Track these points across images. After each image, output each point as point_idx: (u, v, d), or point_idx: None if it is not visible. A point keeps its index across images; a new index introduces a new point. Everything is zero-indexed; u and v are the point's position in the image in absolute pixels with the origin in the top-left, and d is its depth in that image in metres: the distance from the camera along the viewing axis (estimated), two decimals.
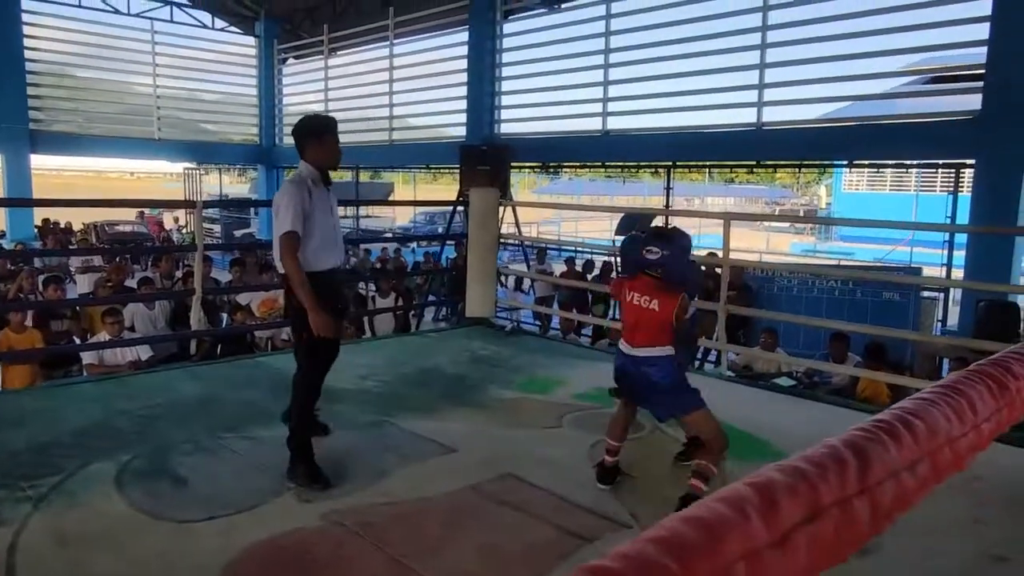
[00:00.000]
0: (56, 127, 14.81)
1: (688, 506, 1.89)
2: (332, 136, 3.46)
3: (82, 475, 3.33)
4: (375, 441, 3.89)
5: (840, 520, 0.63)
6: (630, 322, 3.21)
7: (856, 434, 0.71)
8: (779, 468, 0.64)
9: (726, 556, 0.56)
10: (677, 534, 0.55)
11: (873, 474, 0.66)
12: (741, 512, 0.59)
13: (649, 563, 0.52)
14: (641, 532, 0.58)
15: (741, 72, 9.48)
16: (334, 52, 16.39)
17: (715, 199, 37.67)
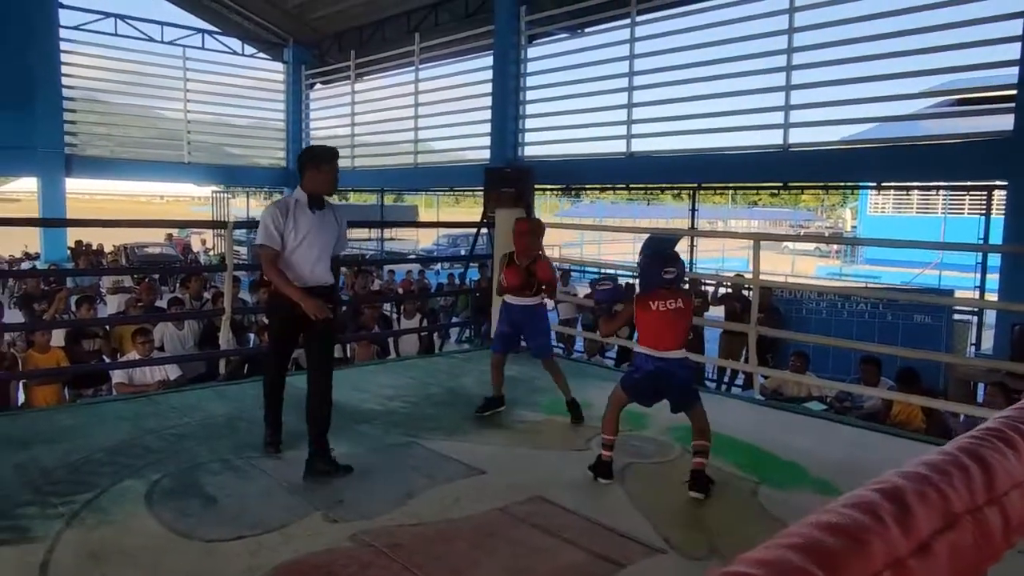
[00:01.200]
0: (90, 151, 15.15)
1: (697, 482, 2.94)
2: (331, 167, 3.74)
3: (113, 492, 3.34)
4: (402, 461, 3.87)
5: (975, 530, 0.59)
6: (660, 330, 3.57)
7: (972, 442, 0.67)
8: (901, 474, 0.60)
9: (873, 564, 0.53)
10: (815, 540, 0.52)
11: (999, 483, 0.62)
12: (878, 518, 0.55)
13: (792, 570, 0.48)
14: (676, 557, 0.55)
15: (767, 94, 9.46)
16: (360, 77, 16.64)
17: (738, 221, 37.46)
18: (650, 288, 3.60)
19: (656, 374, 3.59)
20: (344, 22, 16.21)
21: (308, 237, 3.67)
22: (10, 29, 13.03)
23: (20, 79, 13.21)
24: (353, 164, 16.65)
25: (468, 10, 13.31)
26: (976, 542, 0.60)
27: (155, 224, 13.45)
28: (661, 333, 3.55)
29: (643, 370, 3.63)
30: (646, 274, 3.65)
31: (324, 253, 3.77)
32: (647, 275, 3.64)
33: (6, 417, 4.73)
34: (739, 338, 8.22)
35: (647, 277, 3.64)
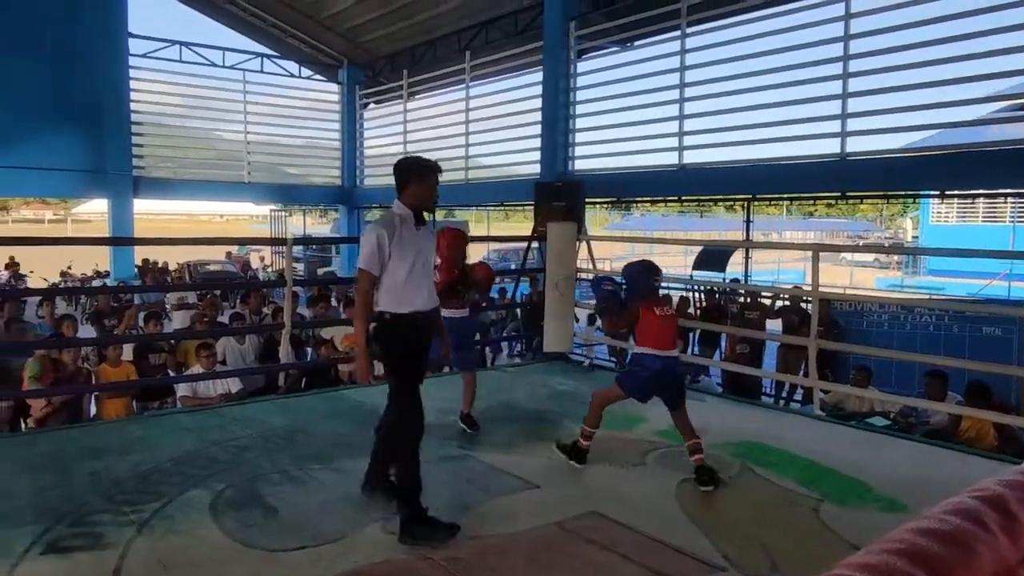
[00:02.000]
0: (155, 173, 15.77)
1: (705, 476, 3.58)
2: (435, 178, 3.38)
3: (180, 502, 3.46)
4: (458, 475, 3.89)
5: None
6: (662, 332, 4.00)
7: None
8: (1002, 482, 0.58)
9: (982, 571, 0.51)
10: (920, 546, 0.51)
11: None
12: (983, 526, 0.54)
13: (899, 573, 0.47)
14: (735, 575, 0.55)
15: (823, 102, 9.27)
16: (412, 96, 16.93)
17: (793, 233, 36.58)
18: (648, 295, 4.03)
19: (663, 372, 3.95)
20: (396, 42, 16.55)
21: (418, 257, 3.28)
22: (83, 59, 13.70)
23: (92, 106, 13.87)
24: None
25: (518, 27, 13.43)
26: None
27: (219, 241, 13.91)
28: (664, 335, 3.97)
29: (651, 369, 3.95)
30: (639, 283, 4.06)
31: (430, 274, 3.45)
32: (641, 284, 4.06)
33: (80, 429, 4.95)
34: (797, 352, 8.03)
35: (640, 286, 4.06)
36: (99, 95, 13.97)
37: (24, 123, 13.19)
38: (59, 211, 52.06)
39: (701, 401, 5.69)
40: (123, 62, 14.46)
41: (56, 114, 13.53)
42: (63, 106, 13.58)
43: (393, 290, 3.24)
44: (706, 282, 10.52)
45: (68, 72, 13.58)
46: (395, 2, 14.77)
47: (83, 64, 13.71)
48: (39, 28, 13.20)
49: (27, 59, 13.08)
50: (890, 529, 0.63)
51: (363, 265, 3.21)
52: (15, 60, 12.94)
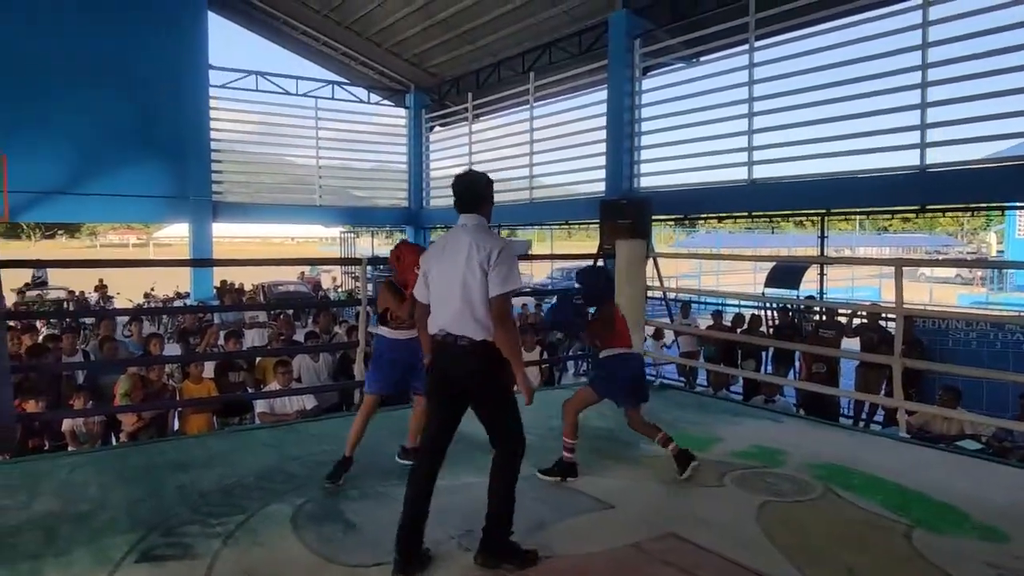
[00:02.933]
0: (232, 198, 16.45)
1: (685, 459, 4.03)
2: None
3: (262, 515, 3.55)
4: (529, 494, 3.86)
5: None
6: (626, 331, 4.19)
7: None
8: None
9: None
10: None
11: None
12: None
13: None
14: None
15: (900, 113, 8.96)
16: (477, 118, 17.19)
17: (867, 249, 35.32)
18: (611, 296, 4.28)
19: (639, 371, 4.19)
20: (461, 66, 16.87)
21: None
22: (167, 91, 14.47)
23: (175, 135, 14.62)
24: None
25: (581, 47, 13.50)
26: None
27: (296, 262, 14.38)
28: (627, 334, 4.20)
29: (631, 369, 4.11)
30: (604, 286, 4.32)
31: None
32: (605, 286, 4.33)
33: (168, 443, 5.15)
34: (877, 371, 7.72)
35: (605, 288, 4.31)
36: (181, 125, 14.71)
37: (112, 153, 13.99)
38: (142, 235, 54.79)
39: (778, 422, 5.52)
40: (204, 93, 15.19)
41: (141, 143, 14.30)
42: (148, 136, 14.35)
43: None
44: (779, 299, 10.25)
45: (153, 104, 14.36)
46: (459, 27, 15.07)
47: (167, 96, 14.48)
48: (126, 64, 14.02)
49: (115, 93, 13.89)
50: (992, 559, 0.60)
51: (516, 284, 2.97)
52: (104, 94, 13.76)
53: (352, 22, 16.49)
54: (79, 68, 13.49)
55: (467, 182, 3.19)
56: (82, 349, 7.40)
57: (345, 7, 15.97)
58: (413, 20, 15.47)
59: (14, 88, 12.94)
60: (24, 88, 13.03)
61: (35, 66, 13.13)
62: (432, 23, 15.26)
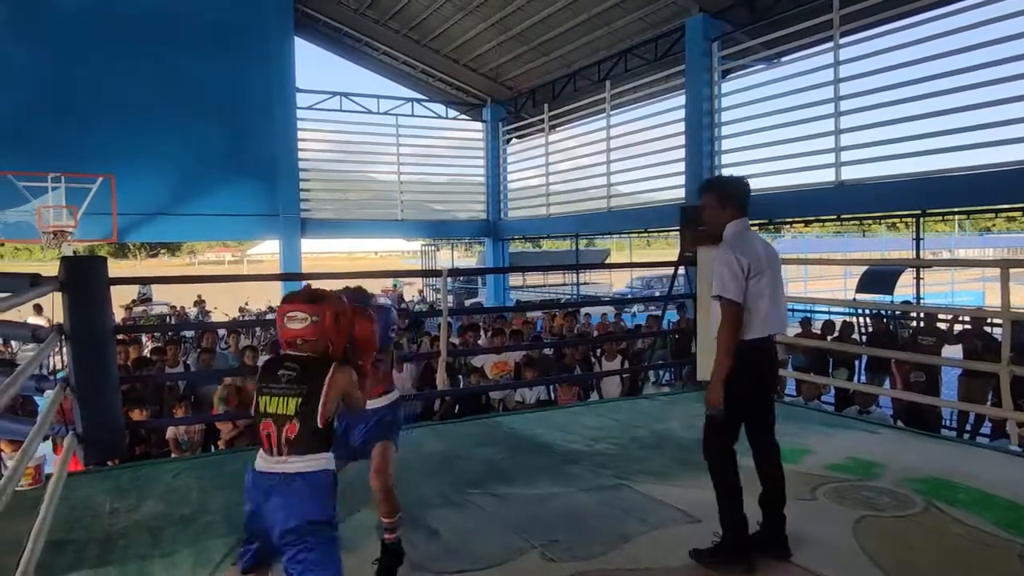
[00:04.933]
0: (319, 214, 17.07)
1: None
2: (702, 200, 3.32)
3: (350, 522, 3.64)
4: (614, 504, 3.83)
5: None
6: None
7: None
8: None
9: None
10: None
11: None
12: None
13: None
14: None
15: (1004, 105, 8.43)
16: (553, 129, 17.25)
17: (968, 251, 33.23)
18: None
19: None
20: (537, 78, 16.99)
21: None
22: (257, 114, 15.21)
23: (265, 155, 15.32)
24: (548, 211, 17.18)
25: (657, 53, 13.36)
26: None
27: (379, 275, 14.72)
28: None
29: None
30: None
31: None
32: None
33: None
34: (982, 380, 7.25)
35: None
36: (271, 146, 15.41)
37: (208, 175, 14.79)
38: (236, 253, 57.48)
39: (874, 433, 5.27)
40: (292, 115, 15.87)
41: (235, 165, 15.06)
42: (241, 158, 15.10)
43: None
44: (874, 304, 9.79)
45: (245, 127, 15.11)
46: (534, 39, 15.19)
47: (258, 120, 15.21)
48: (221, 91, 14.82)
49: (211, 118, 14.69)
50: None
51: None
52: (201, 120, 14.58)
53: (430, 40, 16.88)
54: (179, 96, 14.35)
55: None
56: (183, 361, 7.81)
57: (423, 26, 16.37)
58: (489, 35, 15.70)
59: (121, 116, 13.88)
60: (130, 116, 13.96)
61: (140, 95, 14.05)
62: (507, 37, 15.45)
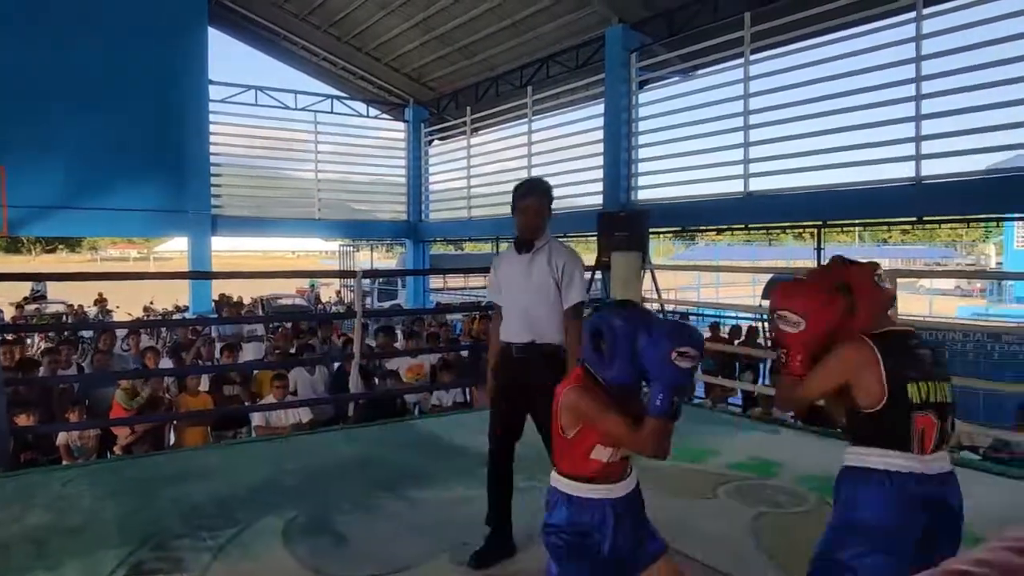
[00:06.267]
0: (232, 212, 16.48)
1: None
2: (521, 204, 3.24)
3: (255, 528, 3.54)
4: (528, 505, 3.85)
5: None
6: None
7: None
8: None
9: None
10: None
11: None
12: None
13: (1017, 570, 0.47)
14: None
15: (895, 125, 9.00)
16: (475, 132, 17.27)
17: None
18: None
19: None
20: (460, 80, 16.96)
21: (511, 285, 3.25)
22: (167, 106, 14.54)
23: (175, 149, 14.67)
24: (470, 214, 17.18)
25: (578, 61, 13.58)
26: None
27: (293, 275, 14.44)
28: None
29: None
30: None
31: (533, 305, 3.18)
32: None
33: (163, 456, 5.14)
34: None
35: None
36: (181, 139, 14.77)
37: (112, 167, 14.02)
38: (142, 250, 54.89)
39: (775, 433, 5.51)
40: (203, 107, 15.26)
41: (142, 158, 14.35)
42: (148, 150, 14.40)
43: (499, 320, 3.35)
44: None
45: (153, 118, 14.42)
46: (457, 41, 15.17)
47: (167, 110, 14.54)
48: (127, 78, 14.09)
49: (116, 107, 13.94)
50: None
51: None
52: (105, 108, 13.82)
53: (351, 37, 16.61)
54: (80, 83, 13.56)
55: None
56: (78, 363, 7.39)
57: (345, 22, 16.08)
58: (411, 35, 15.58)
59: (14, 102, 12.99)
60: (24, 102, 13.09)
61: (35, 81, 13.20)
62: (430, 38, 15.37)
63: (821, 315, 2.02)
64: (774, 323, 2.09)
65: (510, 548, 3.24)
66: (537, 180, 3.44)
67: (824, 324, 2.02)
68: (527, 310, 3.18)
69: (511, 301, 3.25)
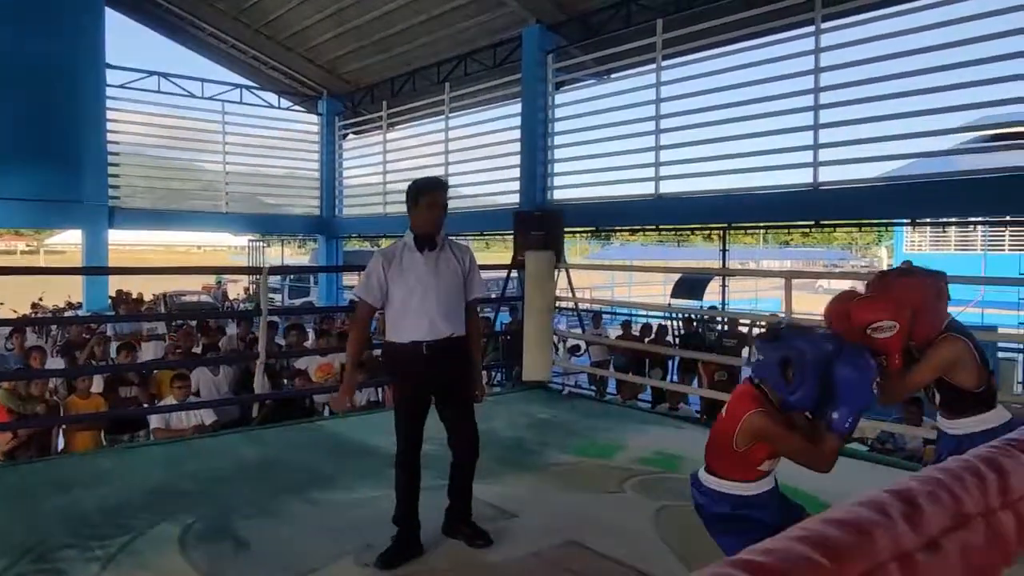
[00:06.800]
0: (132, 203, 15.65)
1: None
2: (428, 198, 3.25)
3: (149, 536, 3.37)
4: (434, 504, 3.83)
5: (987, 531, 0.59)
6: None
7: (990, 451, 0.67)
8: (916, 478, 0.61)
9: (877, 556, 0.54)
10: (823, 534, 0.53)
11: (1014, 488, 0.62)
12: (885, 515, 0.56)
13: (798, 557, 0.49)
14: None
15: (795, 133, 9.45)
16: (392, 127, 17.03)
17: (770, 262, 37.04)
18: None
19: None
20: (376, 74, 16.69)
21: (421, 283, 3.22)
22: (60, 90, 13.63)
23: (68, 136, 13.78)
24: (385, 211, 16.95)
25: (496, 60, 13.61)
26: (988, 542, 0.60)
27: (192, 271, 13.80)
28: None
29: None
30: None
31: (449, 299, 3.25)
32: None
33: (47, 462, 4.82)
34: None
35: None
36: (75, 125, 13.89)
37: None
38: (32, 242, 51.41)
39: (680, 428, 5.69)
40: (101, 92, 14.42)
41: (31, 144, 13.40)
42: (38, 136, 13.46)
43: (392, 319, 3.27)
44: (684, 310, 10.59)
45: (44, 102, 13.49)
46: (373, 35, 14.93)
47: (59, 94, 13.64)
48: (15, 59, 13.14)
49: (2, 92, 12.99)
50: None
51: (356, 294, 3.37)
52: None
53: (262, 25, 16.05)
54: None
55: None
56: None
57: (255, 10, 15.53)
58: (326, 26, 15.20)
59: None
60: None
61: None
62: (345, 30, 15.04)
63: (905, 318, 2.38)
64: (869, 336, 2.36)
65: (418, 548, 3.22)
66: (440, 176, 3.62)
67: (907, 325, 2.39)
68: (442, 306, 3.22)
69: (418, 299, 3.21)
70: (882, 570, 0.53)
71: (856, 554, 0.53)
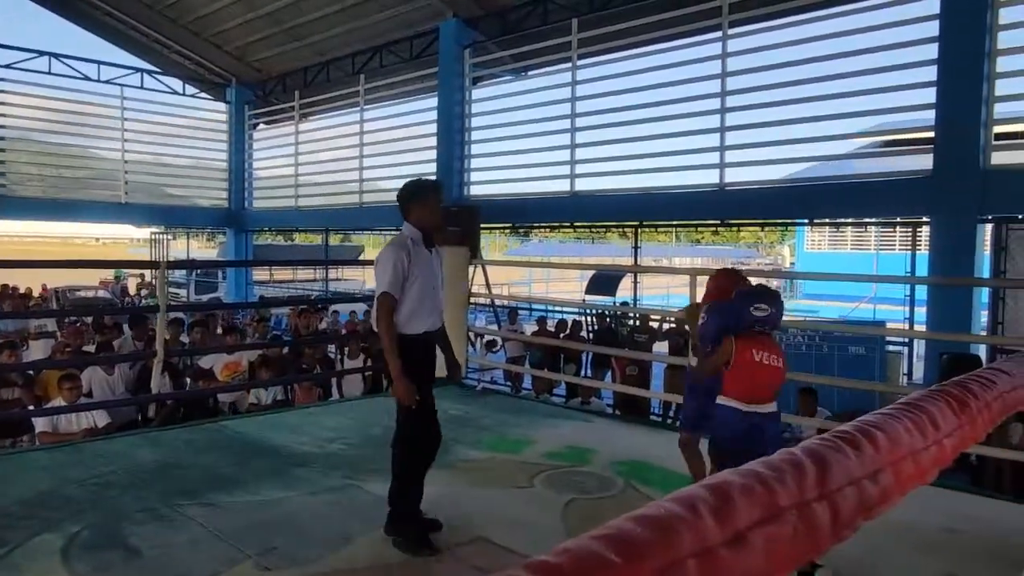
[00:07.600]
0: (21, 192, 14.65)
1: None
2: (435, 198, 3.46)
3: (27, 548, 3.15)
4: (341, 505, 3.75)
5: (799, 523, 0.61)
6: (759, 381, 3.14)
7: (816, 443, 0.70)
8: (736, 472, 0.62)
9: (676, 552, 0.54)
10: (624, 531, 0.53)
11: (833, 480, 0.64)
12: (693, 510, 0.57)
13: (591, 557, 0.50)
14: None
15: (703, 135, 9.76)
16: (305, 118, 16.58)
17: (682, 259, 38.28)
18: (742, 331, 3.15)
19: (759, 429, 3.10)
20: (288, 63, 16.19)
21: (432, 278, 3.38)
22: None
23: None
24: (297, 204, 16.49)
25: (412, 53, 13.45)
26: (797, 534, 0.62)
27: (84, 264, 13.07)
28: (761, 385, 3.15)
29: (739, 429, 3.10)
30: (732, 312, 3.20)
31: (439, 294, 3.48)
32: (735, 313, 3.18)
33: None
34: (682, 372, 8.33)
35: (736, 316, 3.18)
36: None
37: None
38: None
39: (591, 422, 5.77)
40: None
41: None
42: None
43: (407, 311, 3.30)
44: (598, 306, 10.77)
45: None
46: (285, 22, 14.48)
47: None
48: None
49: None
50: None
51: (388, 288, 3.23)
52: None
53: (166, 7, 15.29)
54: None
55: (400, 192, 3.46)
56: None
57: None
58: (235, 11, 14.63)
59: None
60: None
61: None
62: (255, 16, 14.52)
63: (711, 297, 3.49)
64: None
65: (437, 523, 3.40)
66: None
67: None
68: (438, 301, 3.48)
69: (431, 294, 3.37)
70: (680, 566, 0.54)
71: (654, 551, 0.53)
